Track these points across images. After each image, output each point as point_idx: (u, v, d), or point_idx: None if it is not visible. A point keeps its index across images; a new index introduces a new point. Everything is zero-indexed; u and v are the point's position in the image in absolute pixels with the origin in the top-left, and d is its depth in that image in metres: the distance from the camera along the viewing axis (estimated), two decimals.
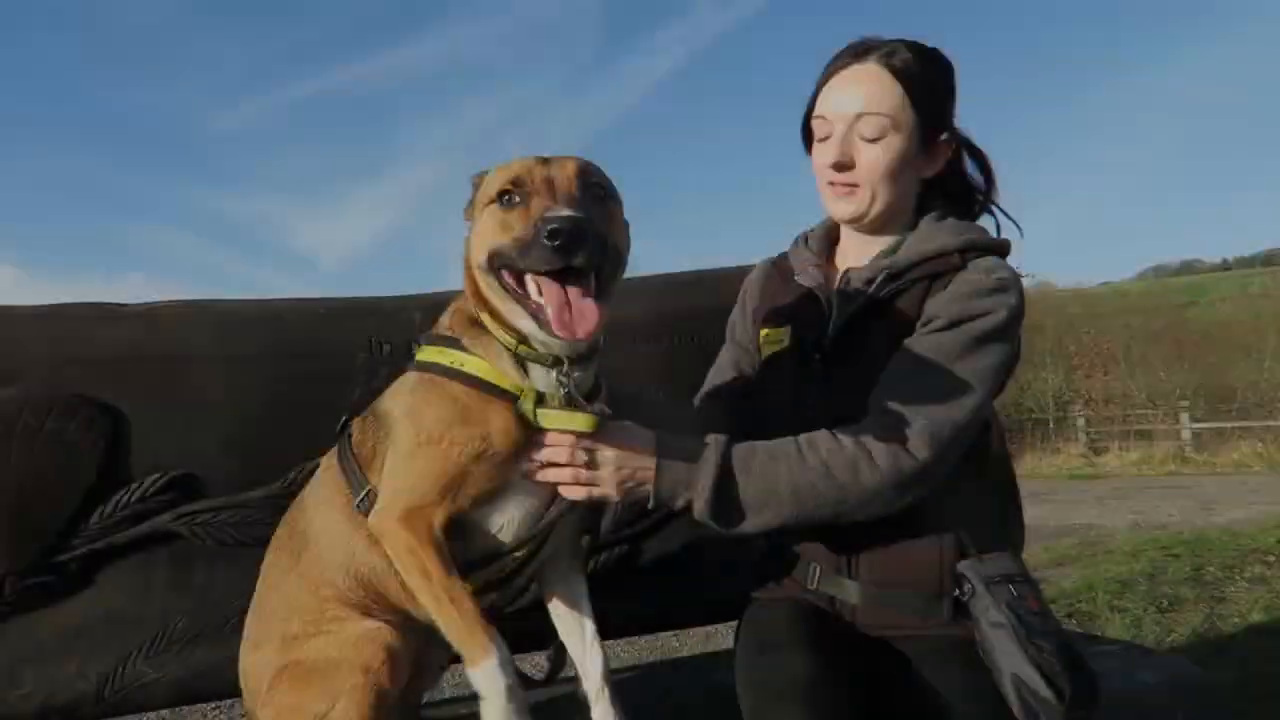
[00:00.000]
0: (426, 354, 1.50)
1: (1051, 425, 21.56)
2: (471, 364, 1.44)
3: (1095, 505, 10.67)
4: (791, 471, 1.48)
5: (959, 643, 1.56)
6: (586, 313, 1.27)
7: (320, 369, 1.99)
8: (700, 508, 1.49)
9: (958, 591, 1.57)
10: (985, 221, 1.80)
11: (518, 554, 1.49)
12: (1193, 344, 23.85)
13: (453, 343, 1.47)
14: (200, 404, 1.91)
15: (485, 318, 1.46)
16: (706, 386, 1.95)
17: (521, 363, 1.44)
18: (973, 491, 1.72)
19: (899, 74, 1.65)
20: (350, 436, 1.58)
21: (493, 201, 1.38)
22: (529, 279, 1.33)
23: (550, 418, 1.41)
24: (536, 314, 1.31)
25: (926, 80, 1.67)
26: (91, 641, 1.79)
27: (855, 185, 1.68)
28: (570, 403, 1.42)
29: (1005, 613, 1.48)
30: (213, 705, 1.82)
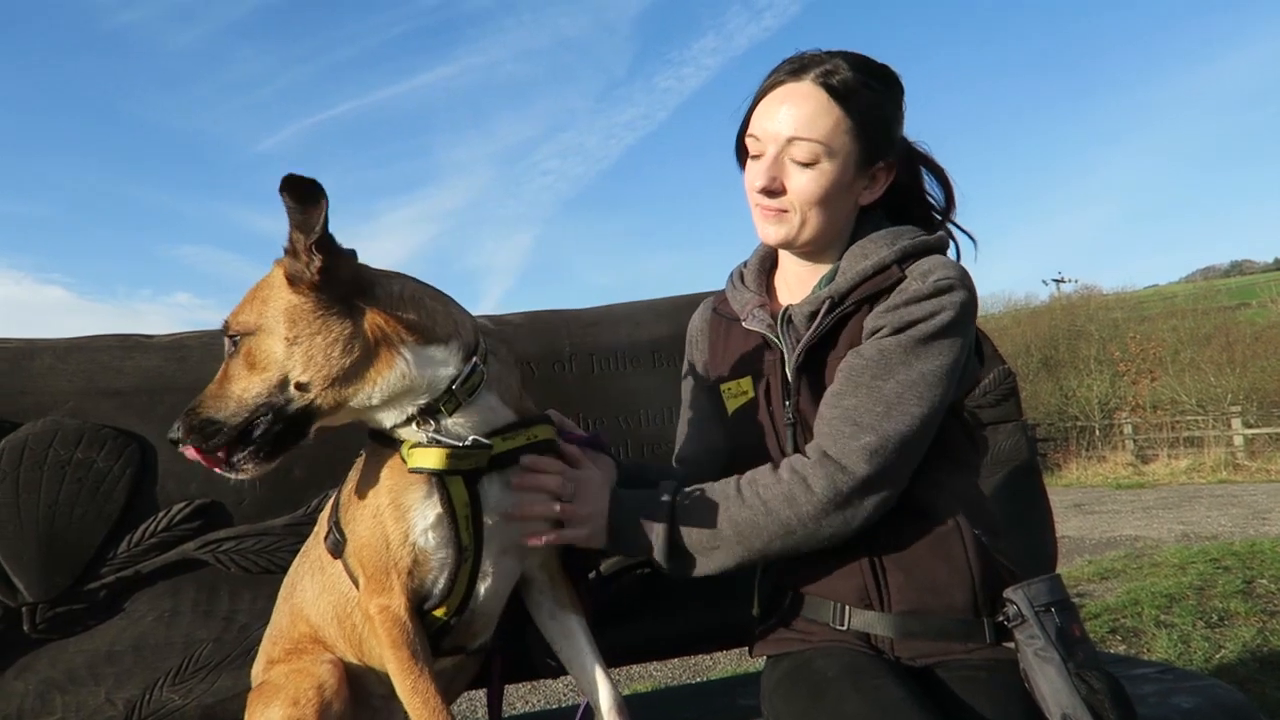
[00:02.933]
0: None
1: (1097, 433, 21.12)
2: None
3: (1142, 515, 10.42)
4: (730, 512, 1.50)
5: (1000, 665, 1.51)
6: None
7: None
8: (658, 559, 1.54)
9: (1001, 616, 1.51)
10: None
11: (437, 614, 1.50)
12: (1244, 347, 23.24)
13: None
14: None
15: None
16: (679, 449, 1.91)
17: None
18: (993, 506, 1.70)
19: (837, 95, 1.55)
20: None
21: None
22: None
23: (414, 456, 1.42)
24: None
25: (868, 102, 1.57)
26: (120, 668, 1.82)
27: (784, 210, 1.61)
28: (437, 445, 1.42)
29: (1056, 646, 1.43)
30: None
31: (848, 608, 1.57)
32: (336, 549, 1.55)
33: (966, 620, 1.53)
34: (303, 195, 1.30)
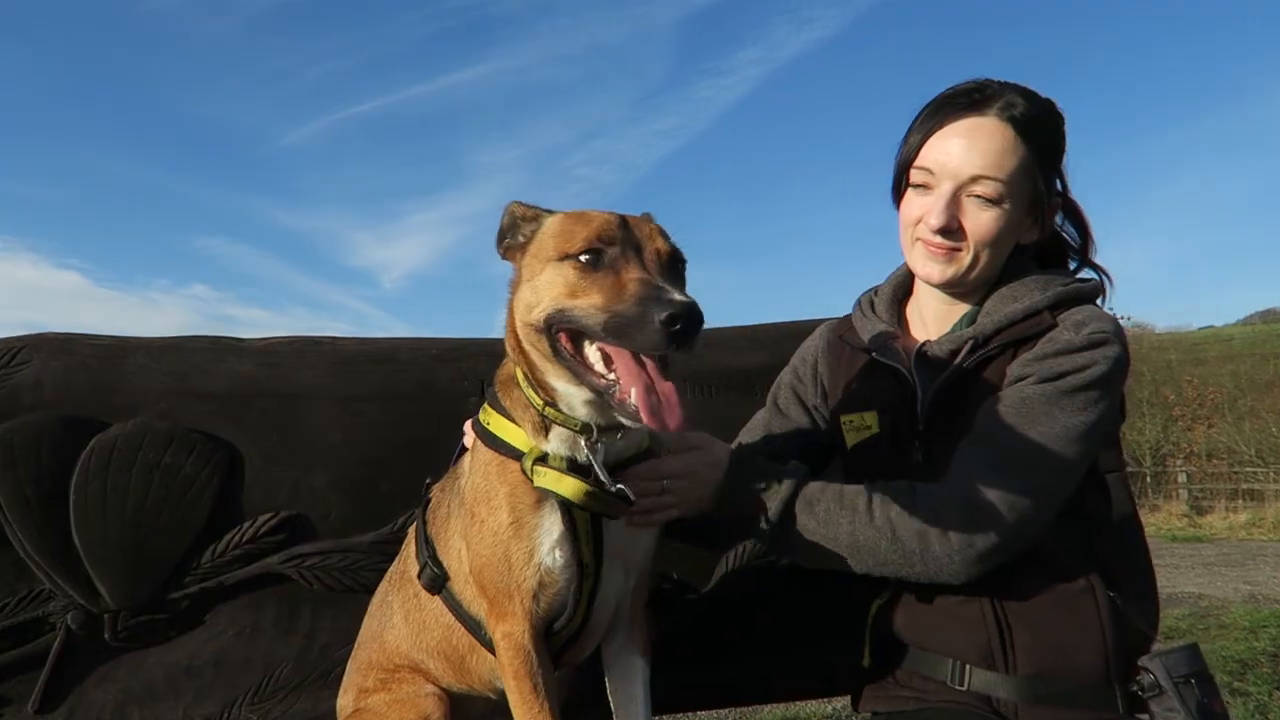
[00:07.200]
0: (483, 411, 1.53)
1: (1148, 480, 20.82)
2: (496, 422, 1.47)
3: (1203, 572, 10.24)
4: (855, 525, 1.49)
5: None
6: (674, 401, 1.24)
7: (432, 410, 2.03)
8: (763, 543, 1.57)
9: (1135, 686, 1.49)
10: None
11: (561, 631, 1.49)
12: None
13: (496, 400, 1.51)
14: (313, 443, 1.97)
15: (518, 373, 1.45)
16: (736, 445, 1.89)
17: (546, 424, 1.42)
18: (1115, 562, 1.67)
19: (1021, 131, 1.55)
20: (429, 501, 1.65)
21: (566, 258, 1.32)
22: (591, 348, 1.30)
23: (541, 476, 1.39)
24: (603, 389, 1.27)
25: (1046, 139, 1.59)
26: (199, 683, 1.84)
27: (957, 249, 1.59)
28: (577, 469, 1.39)
29: None
30: None
31: (968, 666, 1.55)
32: (435, 584, 1.55)
33: (1097, 687, 1.50)
34: None
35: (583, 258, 1.30)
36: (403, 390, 2.03)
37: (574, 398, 1.37)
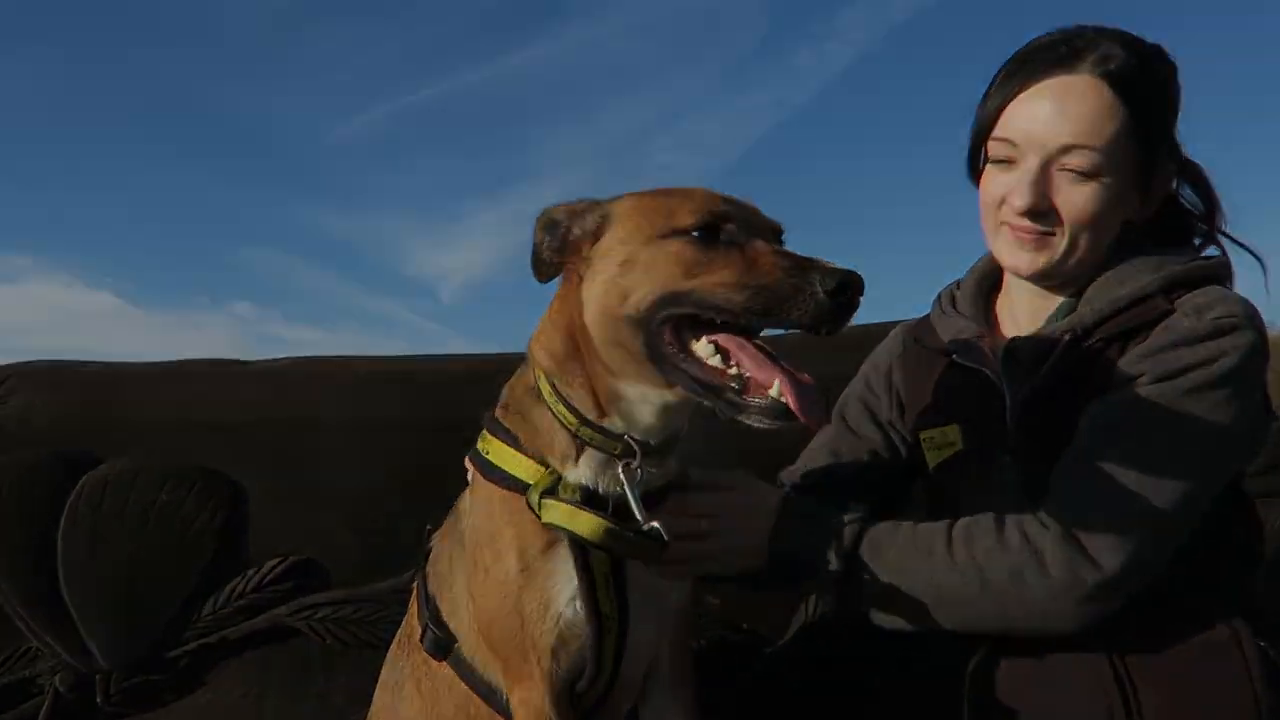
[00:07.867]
0: (481, 439, 1.36)
1: None
2: (496, 450, 1.30)
3: None
4: (935, 569, 1.31)
5: None
6: (819, 396, 1.10)
7: (457, 438, 1.85)
8: (829, 602, 1.41)
9: None
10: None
11: (585, 694, 1.32)
12: None
13: (496, 425, 1.34)
14: (326, 476, 1.84)
15: (546, 389, 1.27)
16: (799, 471, 1.69)
17: (579, 446, 1.25)
18: (1271, 605, 1.45)
19: (1121, 89, 1.38)
20: (429, 552, 1.48)
21: (674, 234, 1.16)
22: (700, 342, 1.13)
23: (550, 511, 1.22)
24: (725, 386, 1.11)
25: (1152, 95, 1.42)
26: None
27: (1049, 233, 1.43)
28: (594, 503, 1.23)
29: None
30: None
31: None
32: (439, 649, 1.39)
33: None
34: None
35: (694, 233, 1.14)
36: (424, 416, 1.87)
37: (646, 405, 1.21)
